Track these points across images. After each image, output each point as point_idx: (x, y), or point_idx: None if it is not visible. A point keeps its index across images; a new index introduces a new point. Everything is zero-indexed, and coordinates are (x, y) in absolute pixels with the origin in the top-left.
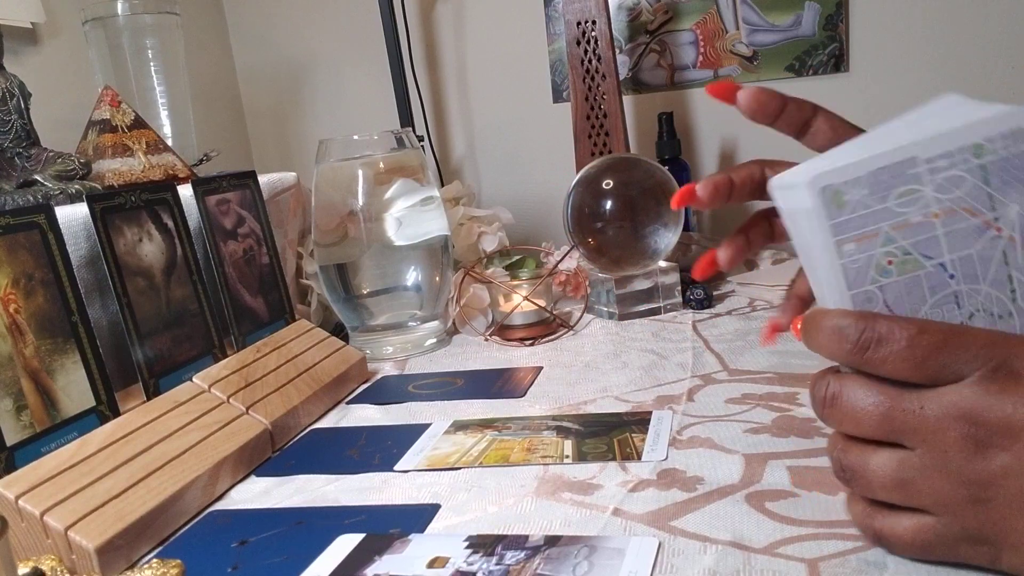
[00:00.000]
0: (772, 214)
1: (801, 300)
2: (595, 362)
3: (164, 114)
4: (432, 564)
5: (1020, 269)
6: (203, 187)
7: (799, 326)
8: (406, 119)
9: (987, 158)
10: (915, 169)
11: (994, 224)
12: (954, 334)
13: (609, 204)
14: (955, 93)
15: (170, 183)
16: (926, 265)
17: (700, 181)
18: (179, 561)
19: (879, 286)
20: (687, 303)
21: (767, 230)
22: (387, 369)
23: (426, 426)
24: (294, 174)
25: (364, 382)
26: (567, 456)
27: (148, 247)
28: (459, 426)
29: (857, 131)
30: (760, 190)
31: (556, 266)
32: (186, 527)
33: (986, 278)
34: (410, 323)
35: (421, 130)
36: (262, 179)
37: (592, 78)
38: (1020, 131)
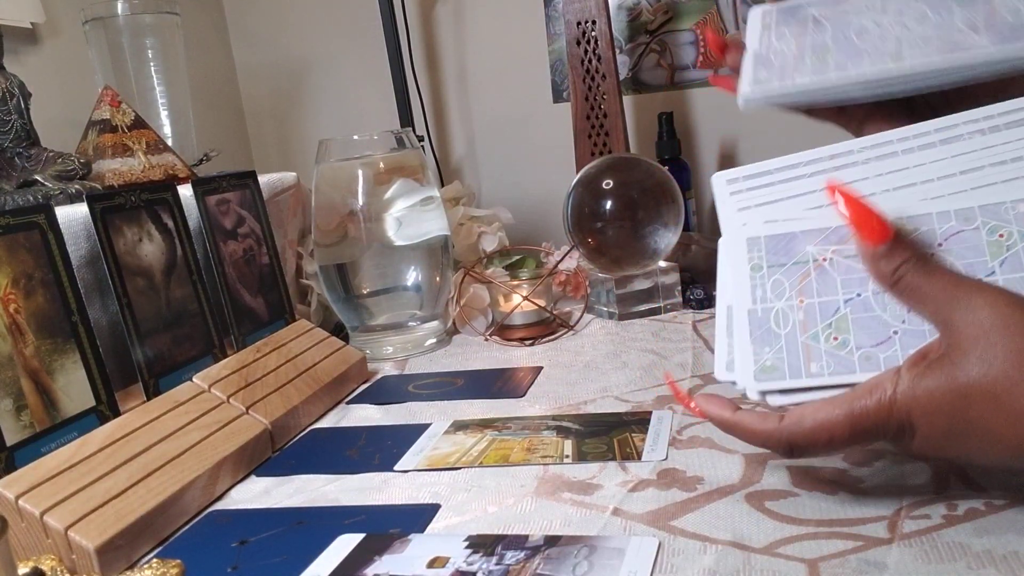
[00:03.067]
0: None
1: None
2: (595, 362)
3: (164, 114)
4: (432, 564)
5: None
6: (203, 187)
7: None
8: (406, 119)
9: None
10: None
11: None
12: (859, 421)
13: (609, 204)
14: None
15: (170, 183)
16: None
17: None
18: (179, 561)
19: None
20: (687, 303)
21: None
22: (387, 369)
23: (426, 426)
24: (294, 174)
25: (364, 382)
26: (567, 456)
27: (148, 247)
28: (459, 426)
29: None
30: None
31: (556, 266)
32: (186, 527)
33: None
34: (410, 323)
35: (421, 130)
36: (262, 179)
37: (592, 78)
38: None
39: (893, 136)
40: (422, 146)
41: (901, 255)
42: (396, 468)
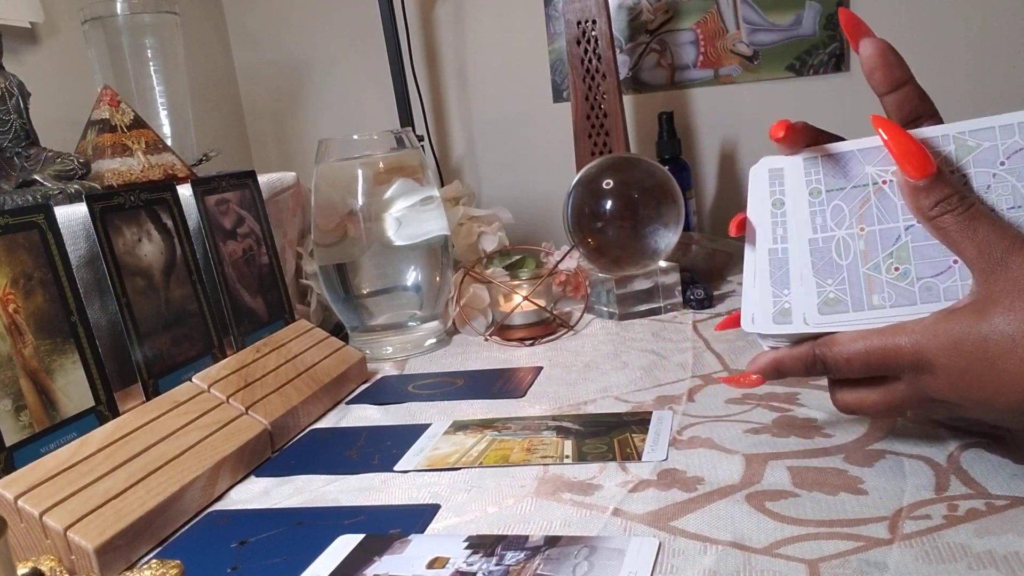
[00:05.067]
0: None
1: None
2: (595, 362)
3: (163, 114)
4: (432, 564)
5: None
6: (202, 187)
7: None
8: (406, 119)
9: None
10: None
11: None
12: (874, 355)
13: (609, 204)
14: None
15: (169, 183)
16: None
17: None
18: (178, 561)
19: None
20: (687, 303)
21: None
22: (387, 369)
23: (426, 426)
24: (293, 174)
25: (364, 382)
26: (567, 456)
27: (147, 247)
28: (459, 426)
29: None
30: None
31: (556, 266)
32: (185, 527)
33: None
34: (410, 323)
35: (421, 130)
36: (262, 179)
37: (592, 78)
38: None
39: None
40: (422, 146)
41: (941, 192)
42: (396, 468)
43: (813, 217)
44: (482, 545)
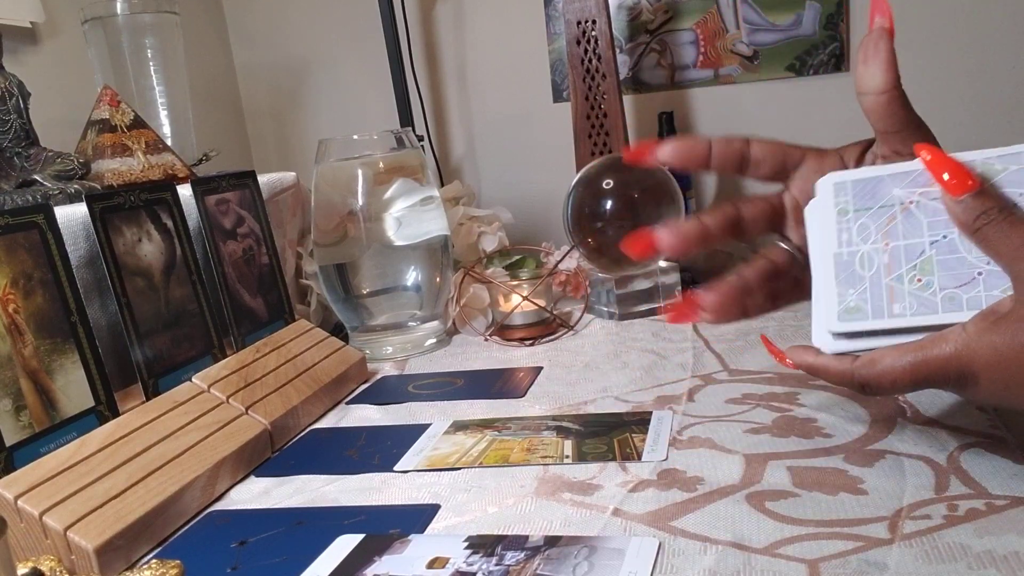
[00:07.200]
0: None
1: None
2: (595, 362)
3: (163, 114)
4: (432, 564)
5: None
6: (202, 187)
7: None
8: (406, 119)
9: None
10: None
11: None
12: (921, 369)
13: (609, 204)
14: None
15: (169, 183)
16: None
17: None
18: (178, 561)
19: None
20: None
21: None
22: (387, 369)
23: (426, 426)
24: (293, 174)
25: (364, 382)
26: (567, 456)
27: (147, 247)
28: (459, 426)
29: (798, 147)
30: (736, 229)
31: (556, 266)
32: (185, 527)
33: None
34: (410, 323)
35: (421, 130)
36: (262, 179)
37: (592, 78)
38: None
39: None
40: (422, 146)
41: (983, 205)
42: (396, 468)
43: (839, 233)
44: (482, 545)
